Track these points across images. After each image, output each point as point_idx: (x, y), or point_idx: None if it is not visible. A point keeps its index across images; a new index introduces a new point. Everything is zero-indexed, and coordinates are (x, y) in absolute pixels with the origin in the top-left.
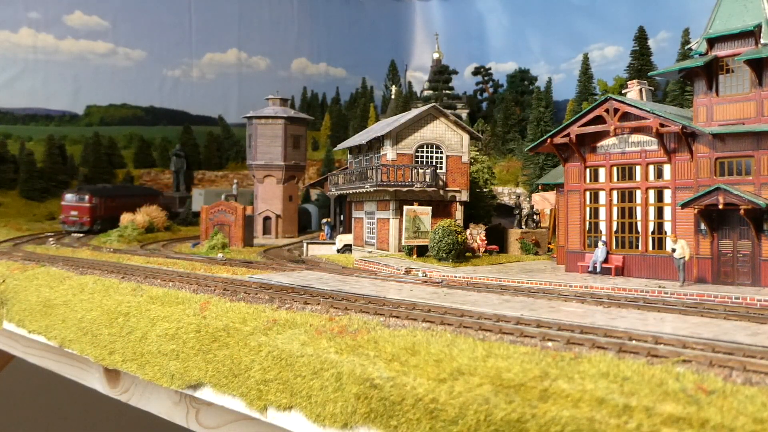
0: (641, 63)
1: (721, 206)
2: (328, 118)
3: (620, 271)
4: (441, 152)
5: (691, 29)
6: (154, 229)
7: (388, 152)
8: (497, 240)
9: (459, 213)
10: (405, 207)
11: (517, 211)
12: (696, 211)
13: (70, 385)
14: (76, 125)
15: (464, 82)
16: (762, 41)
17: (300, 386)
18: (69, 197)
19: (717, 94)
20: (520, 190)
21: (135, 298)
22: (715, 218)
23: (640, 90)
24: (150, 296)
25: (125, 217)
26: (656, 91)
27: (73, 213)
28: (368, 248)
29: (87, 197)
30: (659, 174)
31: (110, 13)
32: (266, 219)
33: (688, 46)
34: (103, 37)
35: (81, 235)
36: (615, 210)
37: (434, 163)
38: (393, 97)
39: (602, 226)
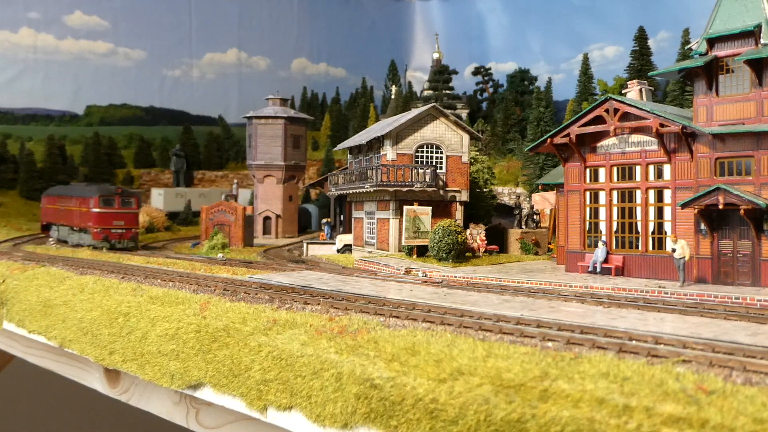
0: (641, 63)
1: (721, 206)
2: (328, 118)
3: (620, 271)
4: (441, 152)
5: (691, 29)
6: (154, 229)
7: (388, 152)
8: (497, 240)
9: (459, 213)
10: (405, 207)
11: (517, 211)
12: (696, 211)
13: (70, 385)
14: (76, 125)
15: (464, 82)
16: (762, 41)
17: (300, 386)
18: (107, 200)
19: (717, 94)
20: (520, 190)
21: (135, 298)
22: (715, 218)
23: (640, 90)
24: (150, 296)
25: None
26: (656, 91)
27: (118, 223)
28: (368, 248)
29: (134, 200)
30: (659, 174)
31: (110, 13)
32: (266, 219)
33: (688, 46)
34: (103, 37)
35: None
36: (615, 210)
37: (434, 163)
38: (393, 97)
39: (602, 226)
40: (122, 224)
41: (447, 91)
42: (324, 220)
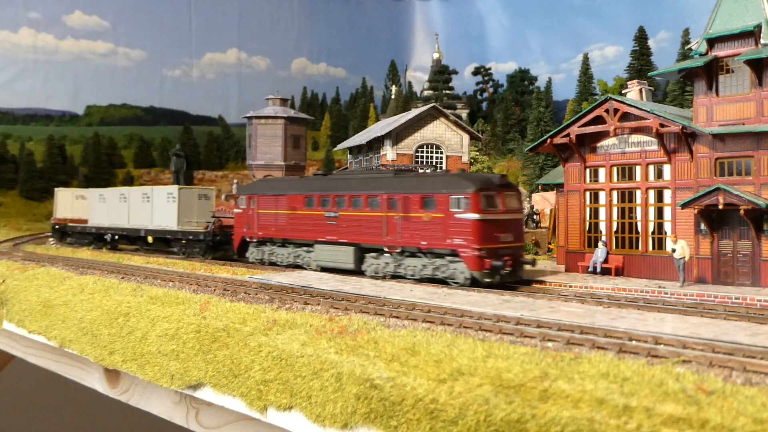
0: (641, 63)
1: (721, 206)
2: (328, 118)
3: (620, 272)
4: (441, 152)
5: (691, 29)
6: None
7: (388, 152)
8: None
9: None
10: None
11: None
12: (696, 211)
13: (70, 385)
14: (76, 125)
15: (464, 82)
16: (762, 41)
17: (300, 386)
18: (490, 198)
19: (717, 95)
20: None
21: (135, 299)
22: (715, 218)
23: (640, 90)
24: (150, 296)
25: None
26: (656, 91)
27: (506, 238)
28: None
29: (517, 195)
30: (659, 174)
31: (110, 13)
32: None
33: (688, 46)
34: (103, 37)
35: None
36: (615, 210)
37: (434, 163)
38: (393, 97)
39: (602, 227)
40: (510, 240)
41: (447, 91)
42: None
